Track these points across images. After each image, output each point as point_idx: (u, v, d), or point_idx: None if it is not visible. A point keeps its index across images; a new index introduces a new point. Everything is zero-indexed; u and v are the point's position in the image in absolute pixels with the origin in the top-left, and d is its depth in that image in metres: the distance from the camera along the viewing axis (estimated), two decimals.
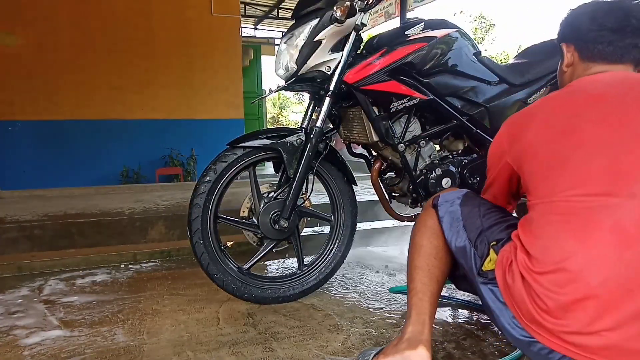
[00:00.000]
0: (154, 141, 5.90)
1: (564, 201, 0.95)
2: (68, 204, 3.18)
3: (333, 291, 1.89)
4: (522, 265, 0.98)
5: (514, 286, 0.99)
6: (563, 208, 0.96)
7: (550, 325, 0.93)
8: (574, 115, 1.01)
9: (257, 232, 1.74)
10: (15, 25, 5.24)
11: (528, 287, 0.96)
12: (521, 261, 0.99)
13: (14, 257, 2.28)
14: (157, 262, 2.36)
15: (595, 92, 1.03)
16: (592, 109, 1.00)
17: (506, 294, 1.02)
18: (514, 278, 0.99)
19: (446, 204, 1.26)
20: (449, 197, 1.28)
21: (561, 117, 1.03)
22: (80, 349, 1.40)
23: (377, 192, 1.91)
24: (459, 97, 1.76)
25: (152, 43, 5.79)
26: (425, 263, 1.20)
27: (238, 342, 1.43)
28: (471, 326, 1.53)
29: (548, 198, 0.99)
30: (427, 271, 1.19)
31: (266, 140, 1.69)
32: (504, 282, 1.02)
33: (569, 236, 0.93)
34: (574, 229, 0.93)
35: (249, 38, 10.60)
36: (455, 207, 1.24)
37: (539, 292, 0.94)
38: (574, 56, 1.16)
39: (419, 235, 1.27)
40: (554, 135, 1.02)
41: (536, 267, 0.95)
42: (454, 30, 1.75)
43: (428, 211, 1.30)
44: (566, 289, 0.90)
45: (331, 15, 1.59)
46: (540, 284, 0.94)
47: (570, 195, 0.95)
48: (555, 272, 0.92)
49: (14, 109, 5.30)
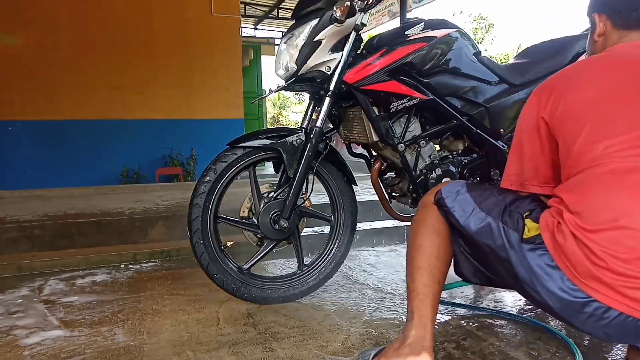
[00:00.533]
0: (154, 141, 5.90)
1: (617, 161, 0.95)
2: (68, 204, 3.18)
3: (333, 291, 1.89)
4: (572, 224, 0.97)
5: (566, 245, 0.98)
6: (615, 167, 0.96)
7: (610, 280, 0.93)
8: (620, 78, 1.01)
9: (257, 232, 1.74)
10: (15, 25, 5.24)
11: (582, 245, 0.96)
12: (570, 220, 0.98)
13: (14, 257, 2.28)
14: (157, 262, 2.36)
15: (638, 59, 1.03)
16: (637, 74, 1.00)
17: (557, 254, 1.00)
18: (565, 237, 0.98)
19: (452, 195, 1.23)
20: (451, 189, 1.25)
21: (607, 79, 1.03)
22: (80, 349, 1.40)
23: (377, 192, 1.90)
24: (459, 97, 1.76)
25: (152, 43, 5.79)
26: (426, 263, 1.19)
27: (238, 342, 1.43)
28: (471, 326, 1.53)
29: (597, 160, 0.98)
30: (428, 272, 1.18)
31: (266, 140, 1.69)
32: (554, 243, 1.01)
33: (624, 194, 0.94)
34: (628, 186, 0.94)
35: (249, 38, 10.59)
36: (463, 195, 1.21)
37: (594, 249, 0.94)
38: (606, 25, 1.15)
39: (420, 234, 1.24)
40: (601, 97, 1.01)
41: (588, 225, 0.95)
42: (454, 30, 1.75)
43: (427, 209, 1.27)
44: (626, 246, 0.91)
45: (331, 15, 1.59)
46: (594, 242, 0.94)
47: (623, 155, 0.95)
48: (611, 229, 0.93)
49: (14, 109, 5.30)
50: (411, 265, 1.21)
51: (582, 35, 1.97)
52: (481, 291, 1.88)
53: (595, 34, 1.18)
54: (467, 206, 1.19)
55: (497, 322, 1.56)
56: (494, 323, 1.55)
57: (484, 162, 1.88)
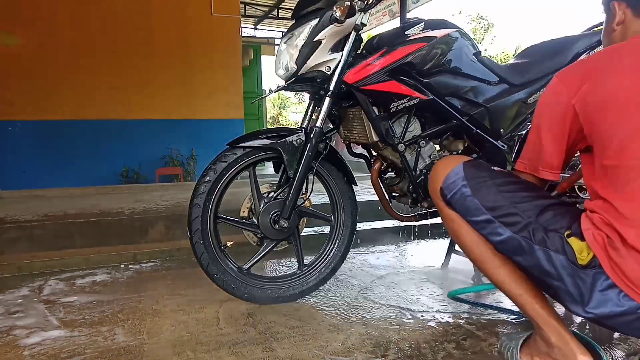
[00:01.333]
0: (154, 141, 5.90)
1: None
2: (68, 204, 3.18)
3: (333, 291, 1.89)
4: (630, 237, 0.91)
5: (625, 262, 0.91)
6: None
7: None
8: None
9: (257, 232, 1.74)
10: (15, 25, 5.24)
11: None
12: (626, 233, 0.91)
13: (14, 257, 2.28)
14: (157, 262, 2.36)
15: None
16: None
17: (614, 273, 0.93)
18: (621, 254, 0.92)
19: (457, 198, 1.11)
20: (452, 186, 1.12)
21: None
22: (81, 349, 1.40)
23: (377, 192, 1.90)
24: (459, 97, 1.76)
25: (152, 43, 5.79)
26: (501, 274, 1.12)
27: (238, 342, 1.43)
28: (471, 326, 1.53)
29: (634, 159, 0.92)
30: (510, 283, 1.12)
31: (266, 140, 1.69)
32: (610, 261, 0.93)
33: None
34: None
35: (249, 38, 10.60)
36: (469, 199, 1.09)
37: None
38: (625, 13, 1.09)
39: (472, 245, 1.14)
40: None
41: None
42: (454, 30, 1.75)
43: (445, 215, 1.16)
44: None
45: (331, 15, 1.59)
46: None
47: None
48: None
49: (14, 109, 5.30)
50: (492, 278, 1.15)
51: (582, 35, 1.97)
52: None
53: (614, 22, 1.11)
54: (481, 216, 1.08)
55: (498, 322, 1.56)
56: (494, 323, 1.55)
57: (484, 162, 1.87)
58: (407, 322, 1.57)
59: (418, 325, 1.54)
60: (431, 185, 1.20)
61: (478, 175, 1.11)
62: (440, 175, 1.16)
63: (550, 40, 2.00)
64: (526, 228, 1.03)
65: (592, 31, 2.03)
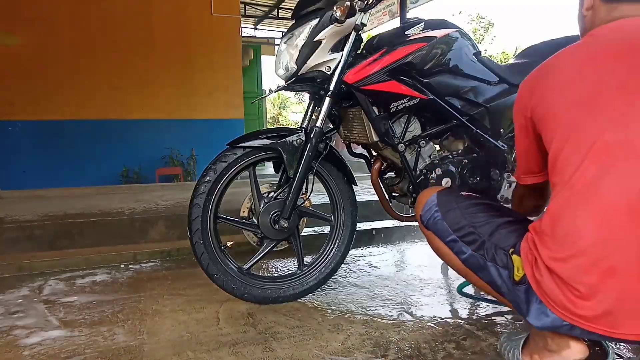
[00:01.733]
0: (154, 141, 5.90)
1: (577, 181, 0.91)
2: (68, 204, 3.18)
3: (333, 291, 1.89)
4: (547, 257, 0.95)
5: (543, 280, 0.97)
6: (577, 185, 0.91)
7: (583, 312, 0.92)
8: (596, 79, 0.94)
9: (257, 232, 1.74)
10: (15, 25, 5.24)
11: (555, 277, 0.94)
12: (545, 254, 0.96)
13: (14, 257, 2.28)
14: (157, 262, 2.36)
15: (617, 48, 0.96)
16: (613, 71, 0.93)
17: (539, 290, 0.99)
18: (542, 272, 0.97)
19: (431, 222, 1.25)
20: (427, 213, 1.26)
21: (582, 80, 0.96)
22: (81, 349, 1.40)
23: (377, 192, 1.91)
24: (459, 97, 1.76)
25: (152, 43, 5.79)
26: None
27: (238, 342, 1.43)
28: (471, 326, 1.53)
29: (565, 176, 0.93)
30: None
31: (266, 140, 1.69)
32: (534, 279, 0.99)
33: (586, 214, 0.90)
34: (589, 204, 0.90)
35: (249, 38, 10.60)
36: (439, 222, 1.22)
37: (563, 276, 0.92)
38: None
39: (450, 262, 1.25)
40: (573, 101, 0.95)
41: (558, 254, 0.93)
42: (454, 30, 1.75)
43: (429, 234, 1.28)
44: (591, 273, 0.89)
45: (331, 15, 1.59)
46: (563, 269, 0.92)
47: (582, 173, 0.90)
48: (577, 256, 0.90)
49: (14, 109, 5.30)
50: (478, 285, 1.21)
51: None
52: None
53: (583, 7, 1.11)
54: (449, 236, 1.19)
55: (498, 322, 1.56)
56: (494, 323, 1.55)
57: (484, 162, 1.88)
58: (407, 322, 1.57)
59: (418, 325, 1.54)
60: (416, 215, 1.34)
61: (447, 202, 1.24)
62: (420, 204, 1.30)
63: (550, 40, 2.00)
64: (482, 246, 1.13)
65: None
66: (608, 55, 0.96)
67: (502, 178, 1.86)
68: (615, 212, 0.88)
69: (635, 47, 0.94)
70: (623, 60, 0.93)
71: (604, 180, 0.89)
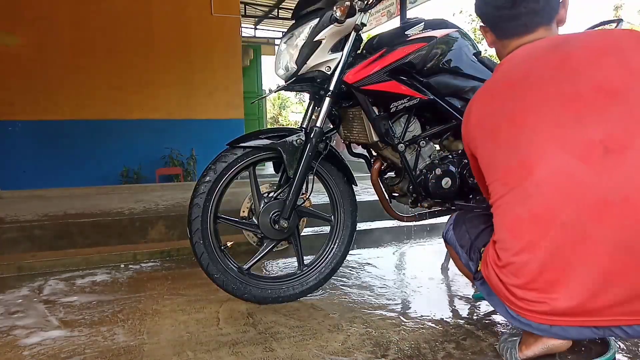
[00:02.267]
0: (154, 141, 5.90)
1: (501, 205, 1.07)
2: (68, 204, 3.18)
3: (333, 291, 1.89)
4: (493, 261, 1.11)
5: (490, 277, 1.12)
6: (503, 211, 1.07)
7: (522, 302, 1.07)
8: (497, 112, 1.09)
9: (257, 232, 1.74)
10: (15, 25, 5.24)
11: (499, 278, 1.09)
12: (492, 257, 1.11)
13: (14, 257, 2.28)
14: (157, 262, 2.36)
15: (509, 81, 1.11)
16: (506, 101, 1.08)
17: (489, 283, 1.15)
18: (489, 271, 1.12)
19: (445, 236, 1.44)
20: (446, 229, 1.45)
21: (488, 115, 1.12)
22: (80, 349, 1.40)
23: (377, 192, 1.90)
24: (459, 97, 1.76)
25: (152, 43, 5.79)
26: None
27: (238, 342, 1.43)
28: (471, 326, 1.53)
29: (495, 200, 1.09)
30: None
31: (266, 140, 1.69)
32: (486, 275, 1.15)
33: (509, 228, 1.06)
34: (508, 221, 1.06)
35: (249, 38, 10.60)
36: (449, 234, 1.41)
37: (504, 280, 1.08)
38: (492, 36, 1.23)
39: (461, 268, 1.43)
40: (484, 139, 1.12)
41: (499, 261, 1.08)
42: (453, 30, 1.75)
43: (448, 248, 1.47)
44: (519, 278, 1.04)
45: (331, 15, 1.59)
46: (504, 274, 1.07)
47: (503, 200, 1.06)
48: (511, 264, 1.05)
49: (14, 109, 5.30)
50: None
51: None
52: None
53: (488, 44, 1.27)
54: (455, 245, 1.38)
55: (498, 322, 1.56)
56: (494, 323, 1.55)
57: None
58: (407, 322, 1.57)
59: (418, 325, 1.54)
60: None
61: (458, 220, 1.42)
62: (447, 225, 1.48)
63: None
64: (470, 248, 1.30)
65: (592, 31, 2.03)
66: (502, 90, 1.11)
67: None
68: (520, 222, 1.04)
69: (521, 78, 1.07)
70: (510, 92, 1.08)
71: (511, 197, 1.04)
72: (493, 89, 1.14)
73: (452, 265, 2.16)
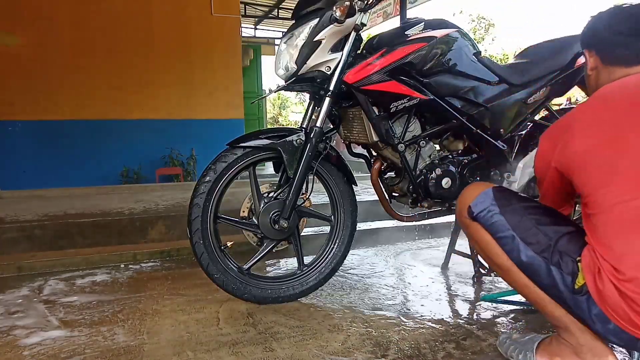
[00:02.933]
0: (154, 141, 5.89)
1: (623, 211, 0.99)
2: (68, 204, 3.18)
3: (333, 291, 1.89)
4: (610, 273, 1.00)
5: (605, 291, 1.00)
6: (624, 217, 0.99)
7: None
8: (613, 124, 1.05)
9: (257, 232, 1.74)
10: (15, 25, 5.24)
11: (621, 293, 0.98)
12: (607, 269, 1.00)
13: (14, 257, 2.28)
14: (157, 262, 2.36)
15: (628, 98, 1.07)
16: (629, 115, 1.04)
17: (600, 299, 1.02)
18: (604, 284, 1.00)
19: (484, 213, 1.21)
20: (481, 205, 1.22)
21: (602, 126, 1.06)
22: (80, 349, 1.40)
23: (377, 192, 1.90)
24: (459, 97, 1.76)
25: (152, 43, 5.79)
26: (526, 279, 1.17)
27: (238, 342, 1.43)
28: (471, 326, 1.53)
29: (606, 208, 1.01)
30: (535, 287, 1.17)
31: (266, 140, 1.69)
32: (596, 288, 1.02)
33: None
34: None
35: (249, 38, 10.59)
36: (496, 216, 1.18)
37: (632, 297, 0.96)
38: (596, 61, 1.20)
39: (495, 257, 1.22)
40: (598, 146, 1.05)
41: (620, 275, 0.98)
42: (454, 30, 1.75)
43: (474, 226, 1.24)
44: None
45: (331, 15, 1.59)
46: (631, 290, 0.97)
47: (627, 205, 0.99)
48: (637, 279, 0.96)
49: (14, 109, 5.30)
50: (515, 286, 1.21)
51: None
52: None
53: (588, 68, 1.24)
54: (505, 232, 1.16)
55: (498, 322, 1.56)
56: (494, 323, 1.55)
57: (484, 162, 1.88)
58: (407, 322, 1.57)
59: (418, 325, 1.54)
60: (459, 206, 1.30)
61: (506, 197, 1.22)
62: (470, 196, 1.26)
63: (550, 40, 2.00)
64: (547, 250, 1.11)
65: None
66: (620, 104, 1.07)
67: (502, 178, 1.86)
68: None
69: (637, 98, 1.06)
70: (634, 107, 1.04)
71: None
72: (605, 104, 1.10)
73: (452, 265, 2.16)
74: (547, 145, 1.19)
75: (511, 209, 1.18)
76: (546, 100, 1.93)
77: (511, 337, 1.32)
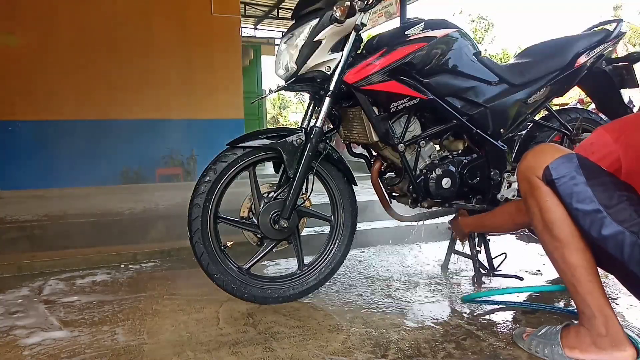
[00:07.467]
0: (154, 141, 5.88)
1: None
2: (68, 204, 3.18)
3: (333, 291, 1.89)
4: None
5: None
6: None
7: None
8: None
9: (257, 232, 1.74)
10: (15, 25, 5.24)
11: None
12: None
13: (14, 257, 2.28)
14: (157, 262, 2.36)
15: None
16: None
17: None
18: None
19: (565, 179, 1.08)
20: (562, 169, 1.10)
21: None
22: (81, 349, 1.40)
23: (377, 192, 1.91)
24: (459, 97, 1.76)
25: (152, 43, 5.78)
26: (578, 258, 1.12)
27: (238, 342, 1.43)
28: (471, 326, 1.53)
29: None
30: (583, 267, 1.12)
31: (266, 140, 1.69)
32: None
33: None
34: None
35: (249, 38, 10.58)
36: (581, 186, 1.07)
37: None
38: None
39: (556, 227, 1.12)
40: None
41: None
42: (454, 30, 1.75)
43: (542, 191, 1.12)
44: None
45: (331, 15, 1.59)
46: None
47: None
48: None
49: (14, 109, 5.30)
50: (563, 262, 1.15)
51: (582, 36, 1.97)
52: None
53: None
54: (589, 205, 1.06)
55: (498, 322, 1.56)
56: (494, 323, 1.55)
57: (484, 162, 1.88)
58: (407, 322, 1.57)
59: (418, 325, 1.54)
60: (529, 162, 1.17)
61: (592, 169, 1.11)
62: (548, 156, 1.13)
63: (550, 40, 2.00)
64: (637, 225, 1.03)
65: (592, 31, 2.03)
66: None
67: (502, 178, 1.87)
68: None
69: None
70: None
71: None
72: None
73: (452, 265, 2.16)
74: (611, 132, 1.12)
75: (600, 182, 1.08)
76: (546, 100, 1.93)
77: (525, 331, 1.32)
